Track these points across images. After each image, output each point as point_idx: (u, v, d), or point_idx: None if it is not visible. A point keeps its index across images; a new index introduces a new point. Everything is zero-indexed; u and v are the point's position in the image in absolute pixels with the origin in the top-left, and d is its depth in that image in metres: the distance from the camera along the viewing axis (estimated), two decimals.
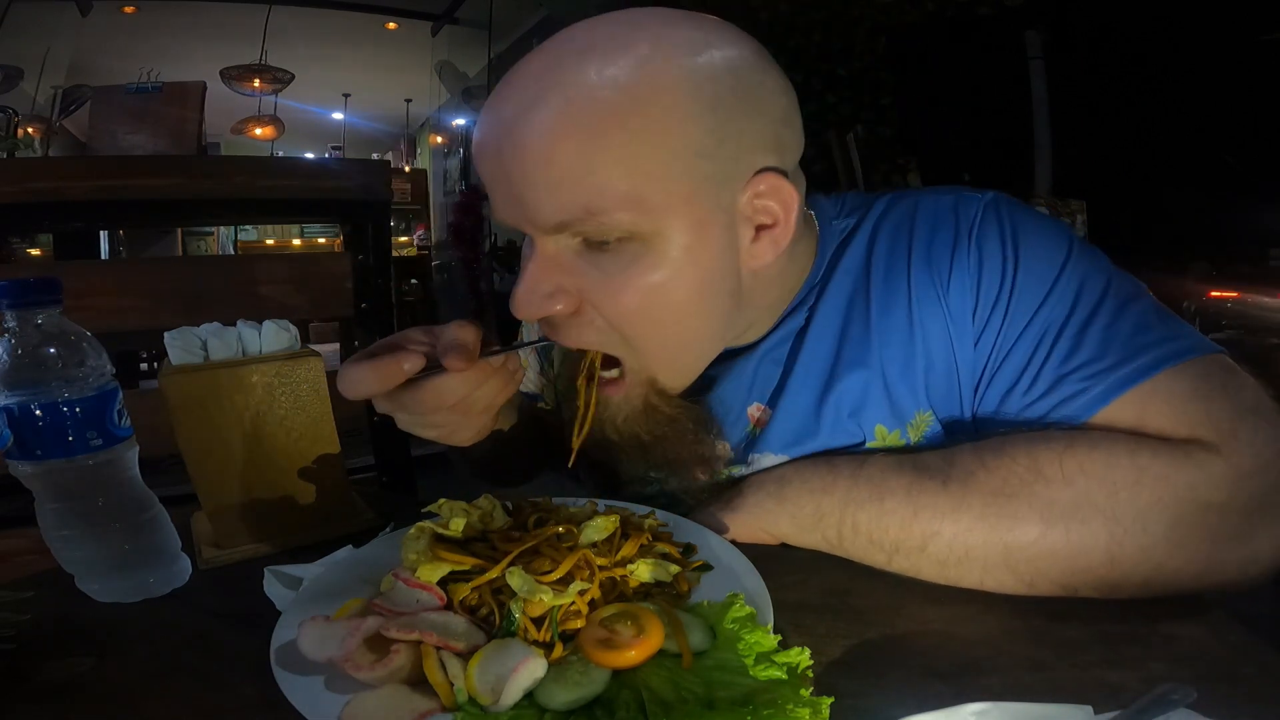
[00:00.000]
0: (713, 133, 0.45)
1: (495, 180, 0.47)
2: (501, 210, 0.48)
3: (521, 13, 5.02)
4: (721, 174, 0.46)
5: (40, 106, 5.05)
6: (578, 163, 0.43)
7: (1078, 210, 3.29)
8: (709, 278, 0.48)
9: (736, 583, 0.45)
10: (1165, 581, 0.44)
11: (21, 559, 0.59)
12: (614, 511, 0.52)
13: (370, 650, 0.38)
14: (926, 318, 0.53)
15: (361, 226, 1.19)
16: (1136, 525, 0.43)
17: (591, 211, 0.44)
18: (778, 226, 0.49)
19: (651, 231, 0.45)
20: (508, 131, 0.44)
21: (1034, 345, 0.50)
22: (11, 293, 0.48)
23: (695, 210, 0.45)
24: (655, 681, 0.35)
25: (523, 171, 0.44)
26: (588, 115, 0.42)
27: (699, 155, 0.45)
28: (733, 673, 0.36)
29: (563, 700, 0.35)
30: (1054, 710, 0.31)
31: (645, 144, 0.43)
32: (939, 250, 0.53)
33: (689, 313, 0.48)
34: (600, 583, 0.43)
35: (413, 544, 0.45)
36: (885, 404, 0.55)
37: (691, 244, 0.46)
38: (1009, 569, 0.46)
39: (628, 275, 0.46)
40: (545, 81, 0.44)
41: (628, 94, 0.43)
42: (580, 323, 0.49)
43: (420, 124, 8.11)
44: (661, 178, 0.44)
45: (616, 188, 0.43)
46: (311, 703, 0.36)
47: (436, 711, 0.35)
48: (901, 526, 0.48)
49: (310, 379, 0.61)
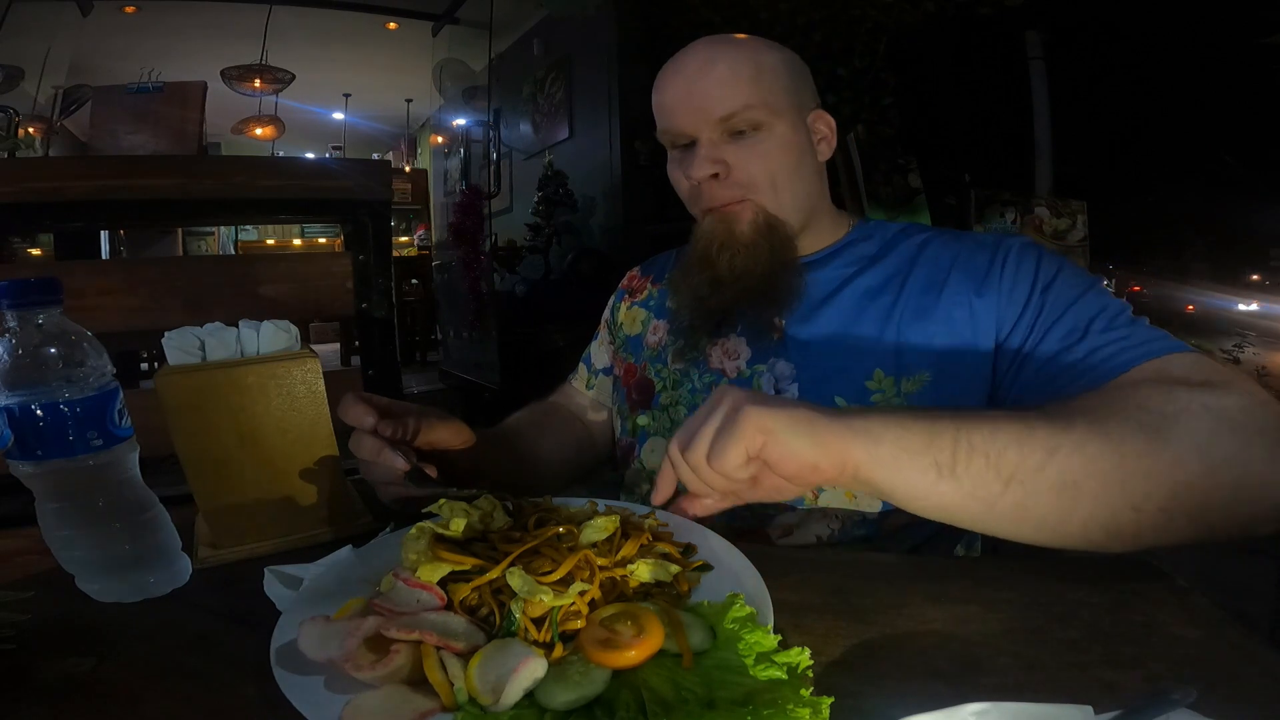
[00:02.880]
0: (793, 81, 0.76)
1: (681, 100, 0.74)
2: (683, 118, 0.74)
3: (521, 13, 5.02)
4: (800, 103, 0.76)
5: (41, 106, 5.05)
6: (742, 81, 0.72)
7: (1078, 210, 3.29)
8: (802, 153, 0.76)
9: (736, 583, 0.45)
10: (1250, 495, 0.47)
11: (21, 559, 0.59)
12: (614, 512, 0.52)
13: (370, 650, 0.38)
14: (953, 309, 0.70)
15: (361, 226, 1.19)
16: (1222, 424, 0.48)
17: (747, 105, 0.71)
18: (827, 138, 0.79)
19: (770, 123, 0.73)
20: (699, 67, 0.73)
21: (1067, 331, 0.63)
22: (12, 293, 0.48)
23: (791, 116, 0.75)
24: (655, 681, 0.35)
25: (710, 86, 0.72)
26: (746, 61, 0.73)
27: (789, 90, 0.75)
28: (733, 672, 0.36)
29: (563, 700, 0.35)
30: (1054, 710, 0.31)
31: (766, 77, 0.73)
32: (975, 266, 0.71)
33: (790, 169, 0.75)
34: (600, 583, 0.43)
35: (413, 544, 0.45)
36: (892, 355, 0.71)
37: (790, 133, 0.74)
38: (1121, 486, 0.46)
39: (759, 148, 0.73)
40: (717, 47, 0.74)
41: (759, 54, 0.74)
42: (718, 184, 0.74)
43: (420, 124, 8.11)
44: (776, 95, 0.73)
45: (756, 94, 0.72)
46: (312, 703, 0.36)
47: (437, 711, 0.35)
48: (1019, 445, 0.47)
49: (307, 380, 0.61)
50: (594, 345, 1.00)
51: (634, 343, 0.91)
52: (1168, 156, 3.08)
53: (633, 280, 0.99)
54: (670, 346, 0.84)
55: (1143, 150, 3.18)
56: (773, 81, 0.73)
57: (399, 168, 8.35)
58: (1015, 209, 3.32)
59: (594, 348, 0.99)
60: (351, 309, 1.18)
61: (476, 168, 5.17)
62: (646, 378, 0.86)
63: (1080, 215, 3.29)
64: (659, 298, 0.91)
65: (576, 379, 1.00)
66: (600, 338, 0.99)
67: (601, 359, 0.98)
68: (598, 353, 0.98)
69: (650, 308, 0.92)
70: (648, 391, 0.85)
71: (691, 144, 0.75)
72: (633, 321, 0.93)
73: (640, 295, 0.95)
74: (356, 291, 1.17)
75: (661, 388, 0.84)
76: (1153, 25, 3.05)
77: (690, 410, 0.79)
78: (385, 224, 1.22)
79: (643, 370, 0.87)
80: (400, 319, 4.84)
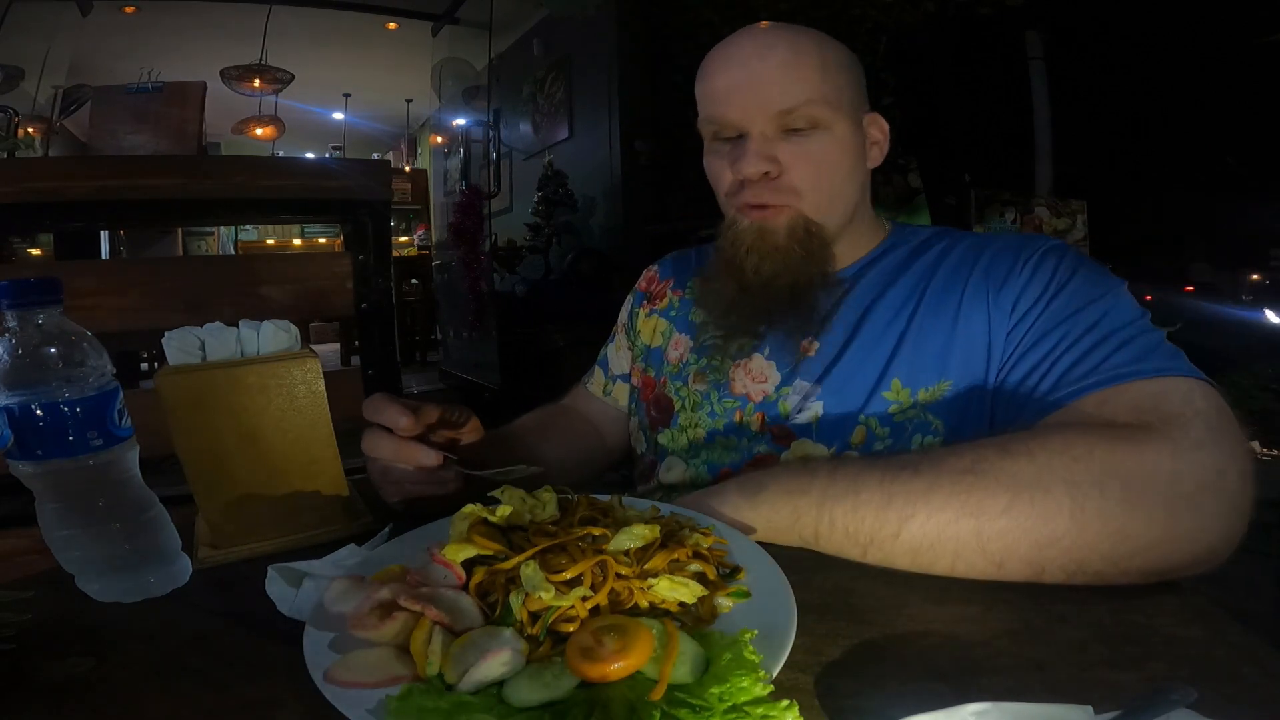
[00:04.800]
0: (853, 78, 0.72)
1: (736, 87, 0.68)
2: (736, 109, 0.69)
3: (521, 13, 5.02)
4: (858, 101, 0.72)
5: (40, 106, 5.05)
6: (807, 73, 0.68)
7: (1078, 210, 3.29)
8: (855, 159, 0.72)
9: (766, 620, 0.41)
10: (1129, 552, 0.46)
11: (21, 559, 0.59)
12: (674, 521, 0.50)
13: (383, 613, 0.40)
14: (971, 311, 0.67)
15: (361, 226, 1.19)
16: (1094, 489, 0.47)
17: (809, 100, 0.67)
18: (880, 143, 0.76)
19: (830, 121, 0.69)
20: (759, 53, 0.68)
21: (1055, 343, 0.60)
22: (11, 293, 0.48)
23: (849, 116, 0.70)
24: (616, 705, 0.34)
25: (771, 76, 0.67)
26: (811, 51, 0.68)
27: (850, 88, 0.71)
28: (697, 715, 0.33)
29: (525, 698, 0.35)
30: (1054, 710, 0.31)
31: (831, 73, 0.69)
32: (998, 268, 0.67)
33: (843, 175, 0.71)
34: (614, 591, 0.42)
35: (460, 523, 0.47)
36: (907, 365, 0.68)
37: (847, 136, 0.70)
38: (979, 548, 0.48)
39: (815, 149, 0.69)
40: (776, 34, 0.69)
41: (821, 44, 0.70)
42: (765, 184, 0.69)
43: (420, 124, 8.11)
44: (838, 90, 0.69)
45: (820, 88, 0.68)
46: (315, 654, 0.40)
47: (408, 679, 0.37)
48: (877, 515, 0.50)
49: (306, 380, 0.61)
50: (610, 349, 0.95)
51: (654, 355, 0.87)
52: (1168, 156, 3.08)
53: (652, 283, 0.94)
54: (692, 366, 0.81)
55: (1143, 150, 3.18)
56: (837, 76, 0.69)
57: (399, 168, 8.35)
58: (1015, 209, 3.32)
59: (610, 351, 0.95)
60: (351, 309, 1.18)
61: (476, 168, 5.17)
62: (665, 395, 0.83)
63: (1080, 215, 3.29)
64: (681, 308, 0.87)
65: (592, 383, 0.96)
66: (617, 340, 0.95)
67: (619, 364, 0.94)
68: (615, 358, 0.94)
69: (671, 318, 0.87)
70: (667, 410, 0.82)
71: (739, 136, 0.70)
72: (652, 332, 0.89)
73: (660, 303, 0.90)
74: (356, 291, 1.17)
75: (680, 407, 0.80)
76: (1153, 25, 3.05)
77: (709, 435, 0.77)
78: (385, 224, 1.22)
79: (662, 386, 0.84)
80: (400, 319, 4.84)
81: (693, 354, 0.82)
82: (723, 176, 0.72)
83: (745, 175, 0.69)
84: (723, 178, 0.73)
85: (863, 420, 0.68)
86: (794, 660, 0.38)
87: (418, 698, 0.35)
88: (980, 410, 0.65)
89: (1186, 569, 0.48)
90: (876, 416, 0.68)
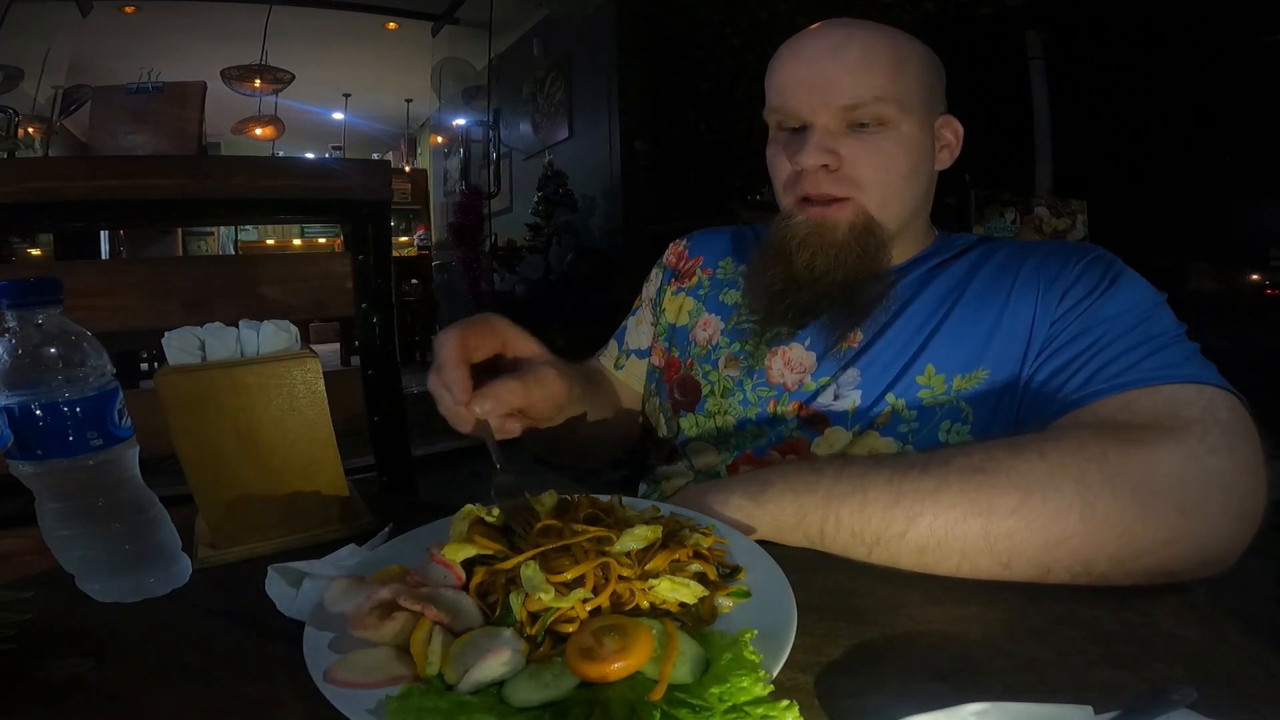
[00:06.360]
0: (930, 79, 0.71)
1: (801, 79, 0.68)
2: (801, 101, 0.68)
3: (521, 13, 5.02)
4: (932, 103, 0.72)
5: (40, 106, 5.06)
6: (877, 69, 0.67)
7: (1078, 210, 3.29)
8: (921, 159, 0.71)
9: (767, 620, 0.41)
10: (1136, 553, 0.46)
11: (21, 559, 0.59)
12: (674, 521, 0.50)
13: (382, 613, 0.40)
14: (1020, 300, 0.66)
15: (361, 226, 1.19)
16: (1105, 489, 0.47)
17: (877, 98, 0.66)
18: (950, 146, 0.75)
19: (898, 121, 0.68)
20: (829, 48, 0.68)
21: (1092, 340, 0.60)
22: (11, 293, 0.48)
23: (921, 116, 0.70)
24: (616, 704, 0.34)
25: (837, 70, 0.67)
26: (885, 48, 0.68)
27: (926, 88, 0.70)
28: (697, 715, 0.33)
29: (525, 699, 0.35)
30: (1054, 710, 0.31)
31: (906, 70, 0.68)
32: (1051, 263, 0.67)
33: (907, 175, 0.70)
34: (615, 592, 0.42)
35: (459, 523, 0.47)
36: (945, 352, 0.67)
37: (916, 135, 0.69)
38: (986, 548, 0.48)
39: (880, 146, 0.68)
40: (849, 28, 0.69)
41: (899, 43, 0.69)
42: (824, 175, 0.69)
43: (420, 124, 8.11)
44: (910, 91, 0.68)
45: (890, 87, 0.67)
46: (315, 654, 0.40)
47: (408, 679, 0.37)
48: (884, 514, 0.50)
49: (306, 380, 0.61)
50: (631, 321, 0.91)
51: (680, 334, 0.84)
52: (1168, 156, 3.08)
53: (681, 260, 0.90)
54: (723, 349, 0.78)
55: (1143, 150, 3.18)
56: (911, 76, 0.68)
57: (399, 168, 8.35)
58: (1015, 209, 3.31)
59: (631, 324, 0.91)
60: (351, 309, 1.18)
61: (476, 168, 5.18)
62: (692, 378, 0.80)
63: (1080, 215, 3.29)
64: (711, 288, 0.84)
65: (605, 356, 0.92)
66: (639, 314, 0.91)
67: (638, 339, 0.90)
68: (635, 332, 0.90)
69: (700, 298, 0.84)
70: (693, 394, 0.79)
71: (803, 128, 0.70)
72: (679, 310, 0.86)
73: (689, 281, 0.86)
74: (356, 291, 1.17)
75: (709, 392, 0.78)
76: (1153, 25, 3.05)
77: (739, 423, 0.74)
78: (385, 224, 1.22)
79: (688, 368, 0.81)
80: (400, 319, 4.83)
81: (724, 336, 0.79)
82: (781, 167, 0.72)
83: (803, 166, 0.68)
84: (781, 168, 0.72)
85: (890, 401, 0.68)
86: (794, 660, 0.38)
87: (418, 698, 0.35)
88: (1010, 404, 0.65)
89: (1191, 572, 0.48)
90: (905, 400, 0.67)
